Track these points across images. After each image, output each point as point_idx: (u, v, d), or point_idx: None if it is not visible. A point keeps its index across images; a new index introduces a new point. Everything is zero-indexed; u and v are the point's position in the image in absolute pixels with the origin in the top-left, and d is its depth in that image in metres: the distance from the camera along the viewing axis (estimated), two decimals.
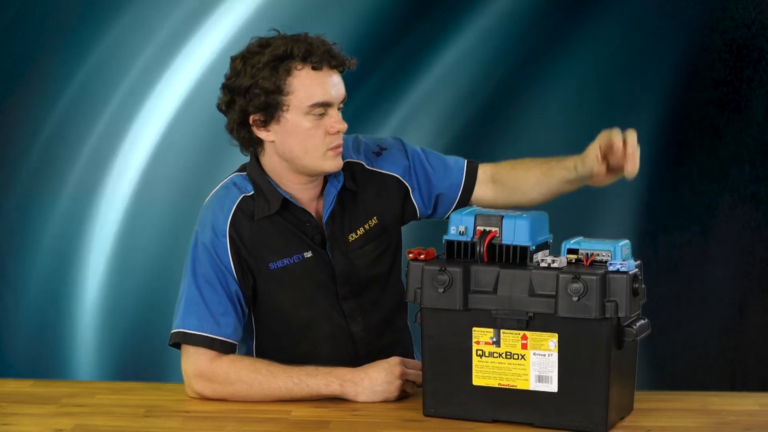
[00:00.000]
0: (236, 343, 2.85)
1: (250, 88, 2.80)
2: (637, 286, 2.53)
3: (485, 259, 2.60)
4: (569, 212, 4.73)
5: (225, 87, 2.86)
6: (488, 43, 4.79)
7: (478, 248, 2.60)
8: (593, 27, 4.81)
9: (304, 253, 2.89)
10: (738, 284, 4.83)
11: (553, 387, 2.54)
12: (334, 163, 2.85)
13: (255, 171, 2.90)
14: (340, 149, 2.85)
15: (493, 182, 3.02)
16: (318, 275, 2.90)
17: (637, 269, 2.55)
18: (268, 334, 2.93)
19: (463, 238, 2.62)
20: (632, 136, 2.76)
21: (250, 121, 2.84)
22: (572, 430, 2.54)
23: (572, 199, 4.76)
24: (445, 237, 2.65)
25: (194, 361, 2.79)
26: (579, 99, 4.82)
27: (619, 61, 4.82)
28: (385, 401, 2.74)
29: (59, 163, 4.77)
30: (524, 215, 2.62)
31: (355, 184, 2.95)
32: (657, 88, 4.84)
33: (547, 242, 2.66)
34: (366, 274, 2.94)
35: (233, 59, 2.86)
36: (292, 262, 2.89)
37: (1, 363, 4.77)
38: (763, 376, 4.81)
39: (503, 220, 2.60)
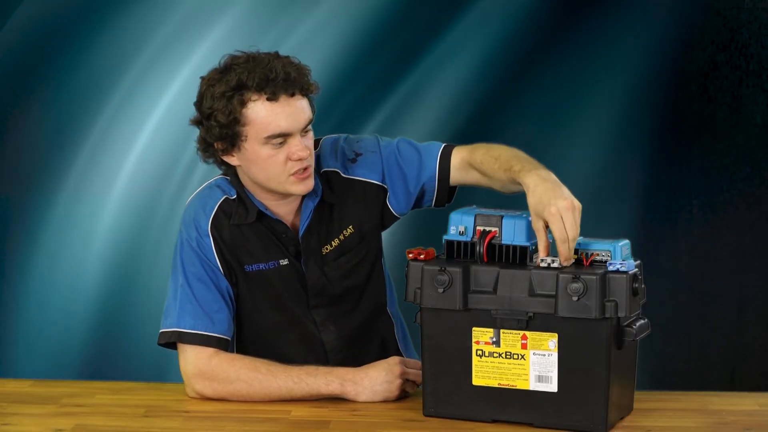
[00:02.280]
0: (230, 338, 2.86)
1: (209, 118, 2.78)
2: (637, 286, 2.53)
3: (485, 259, 2.60)
4: None
5: (195, 106, 2.84)
6: (481, 39, 4.79)
7: (477, 248, 2.60)
8: (587, 23, 4.81)
9: (280, 261, 2.89)
10: (738, 284, 4.83)
11: (553, 387, 2.54)
12: (299, 188, 2.81)
13: (234, 181, 2.90)
14: (307, 173, 2.80)
15: (471, 167, 2.93)
16: (291, 283, 2.90)
17: (637, 269, 2.55)
18: (246, 335, 2.94)
19: (462, 238, 2.62)
20: (564, 246, 2.57)
21: (215, 147, 2.83)
22: (572, 430, 2.54)
23: None
24: (445, 237, 2.65)
25: (193, 360, 2.80)
26: (575, 98, 4.82)
27: (614, 59, 4.81)
28: (386, 401, 2.74)
29: (58, 164, 4.77)
30: (524, 215, 2.62)
31: (333, 194, 2.92)
32: (655, 87, 4.83)
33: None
34: (340, 286, 2.93)
35: (201, 81, 2.82)
36: (267, 267, 2.89)
37: (1, 363, 4.78)
38: (763, 376, 4.81)
39: (503, 220, 2.60)
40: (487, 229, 2.61)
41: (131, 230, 4.80)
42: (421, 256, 2.62)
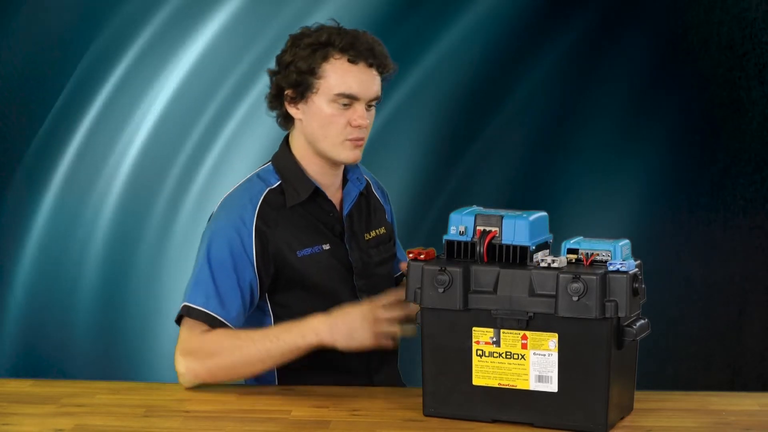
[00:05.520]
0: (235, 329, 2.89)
1: (289, 65, 2.93)
2: (637, 286, 2.53)
3: (485, 259, 2.60)
4: (569, 212, 4.73)
5: (276, 59, 3.00)
6: (474, 42, 4.79)
7: (478, 248, 2.60)
8: (589, 22, 4.81)
9: (323, 245, 2.97)
10: (738, 284, 4.83)
11: (553, 387, 2.54)
12: (350, 154, 2.94)
13: (284, 157, 3.00)
14: (360, 143, 2.94)
15: None
16: (337, 267, 2.97)
17: (637, 269, 2.55)
18: (288, 320, 2.95)
19: (463, 238, 2.62)
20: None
21: (284, 96, 2.95)
22: (572, 430, 2.54)
23: (572, 199, 4.78)
24: (445, 237, 2.65)
25: (187, 338, 2.84)
26: (575, 98, 4.82)
27: (615, 59, 4.81)
28: (362, 346, 2.77)
29: (57, 163, 4.77)
30: (524, 215, 2.62)
31: (369, 195, 3.10)
32: (656, 87, 4.83)
33: (547, 242, 2.66)
34: (378, 271, 3.04)
35: (290, 37, 2.98)
36: (313, 252, 2.95)
37: (1, 363, 4.78)
38: (763, 377, 4.81)
39: (503, 220, 2.60)
40: (488, 229, 2.61)
41: (131, 229, 4.80)
42: (421, 256, 2.62)
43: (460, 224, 2.63)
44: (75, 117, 4.79)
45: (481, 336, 2.58)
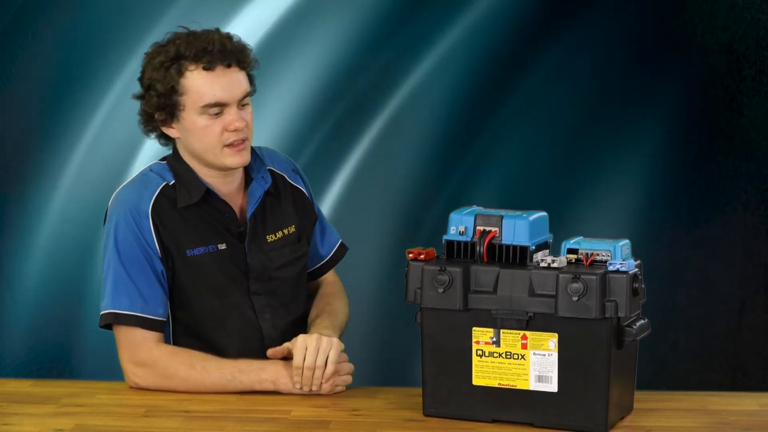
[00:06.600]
0: (164, 320, 2.88)
1: (148, 89, 2.88)
2: (637, 285, 2.53)
3: (485, 259, 2.60)
4: (569, 212, 4.73)
5: (138, 80, 2.93)
6: (474, 44, 4.79)
7: (478, 248, 2.60)
8: (583, 25, 4.81)
9: (219, 245, 2.92)
10: (738, 284, 4.83)
11: (553, 387, 2.54)
12: (235, 159, 2.88)
13: (176, 160, 2.94)
14: (243, 145, 2.88)
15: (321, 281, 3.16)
16: (231, 268, 2.93)
17: (637, 269, 2.55)
18: (184, 321, 2.95)
19: (463, 238, 2.62)
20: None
21: (155, 119, 2.90)
22: (572, 430, 2.54)
23: (572, 199, 4.78)
24: (445, 237, 2.65)
25: (131, 346, 2.83)
26: (574, 98, 4.82)
27: (614, 59, 4.81)
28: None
29: (55, 161, 4.77)
30: (524, 215, 2.62)
31: (278, 192, 3.02)
32: (655, 87, 4.83)
33: (547, 242, 2.66)
34: (279, 274, 2.97)
35: (144, 56, 2.91)
36: (207, 251, 2.91)
37: (1, 363, 4.78)
38: (763, 376, 4.81)
39: (503, 220, 2.60)
40: (487, 229, 2.61)
41: None
42: (421, 256, 2.62)
43: (460, 224, 2.63)
44: (82, 119, 4.78)
45: (481, 336, 2.58)
